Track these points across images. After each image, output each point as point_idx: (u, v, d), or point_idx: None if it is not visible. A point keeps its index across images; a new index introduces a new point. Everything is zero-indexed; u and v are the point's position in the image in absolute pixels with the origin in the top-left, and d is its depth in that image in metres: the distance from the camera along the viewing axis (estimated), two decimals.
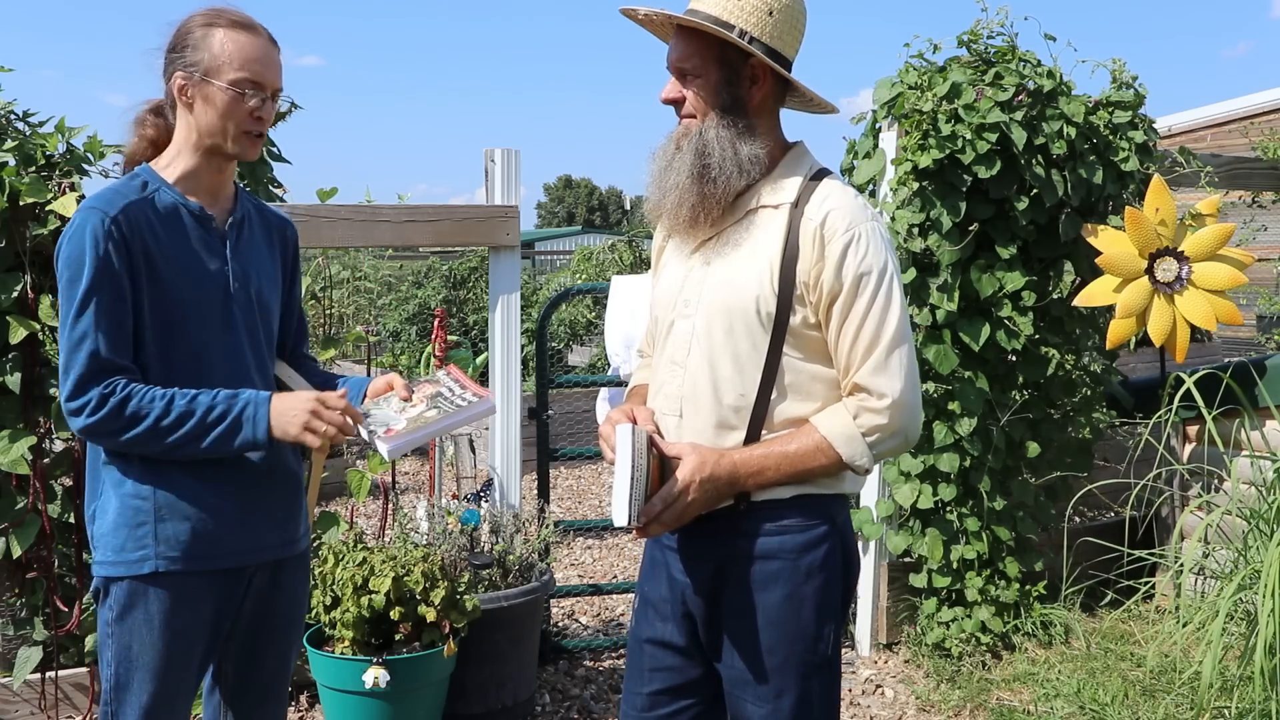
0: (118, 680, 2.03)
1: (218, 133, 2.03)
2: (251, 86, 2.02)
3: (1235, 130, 10.88)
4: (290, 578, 2.21)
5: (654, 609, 2.14)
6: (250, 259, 2.14)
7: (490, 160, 3.93)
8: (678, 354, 2.03)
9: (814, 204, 1.94)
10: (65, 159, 3.29)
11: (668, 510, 1.91)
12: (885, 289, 1.92)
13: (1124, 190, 4.18)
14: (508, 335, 3.94)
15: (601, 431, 2.07)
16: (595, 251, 11.62)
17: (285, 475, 2.17)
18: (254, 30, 2.06)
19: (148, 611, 2.01)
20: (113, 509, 2.02)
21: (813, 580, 1.99)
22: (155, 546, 2.00)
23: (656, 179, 2.03)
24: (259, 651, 2.20)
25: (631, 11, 2.03)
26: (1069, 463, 4.32)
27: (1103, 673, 3.60)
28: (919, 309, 4.01)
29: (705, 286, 2.00)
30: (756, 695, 2.02)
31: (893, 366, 1.91)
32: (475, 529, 3.74)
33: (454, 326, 10.53)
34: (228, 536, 2.06)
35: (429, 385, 2.18)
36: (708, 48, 1.95)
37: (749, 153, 1.95)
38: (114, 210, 1.96)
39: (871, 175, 4.11)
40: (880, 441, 1.93)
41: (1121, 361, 5.61)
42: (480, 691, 3.58)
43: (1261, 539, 3.15)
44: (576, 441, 7.35)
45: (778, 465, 1.92)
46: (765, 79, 1.98)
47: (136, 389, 1.95)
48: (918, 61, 4.10)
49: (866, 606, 4.26)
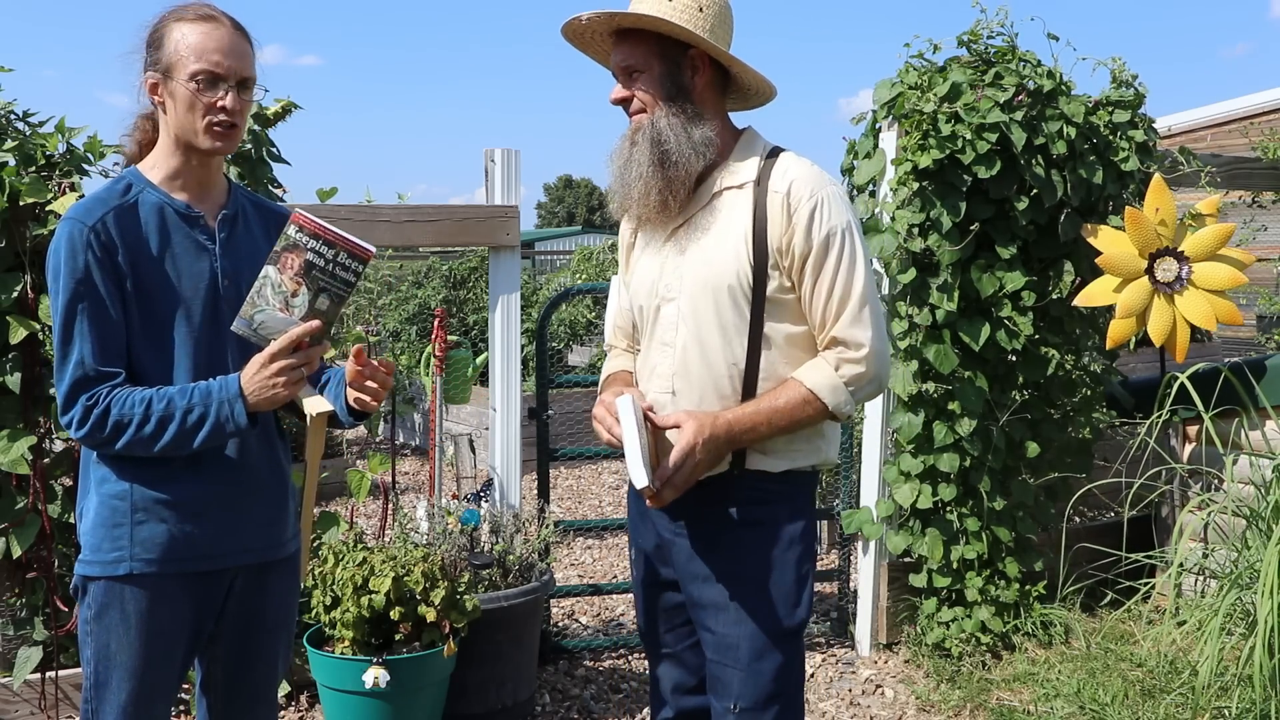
0: (97, 678, 2.03)
1: (188, 129, 2.00)
2: (209, 77, 1.98)
3: (1235, 130, 10.88)
4: (277, 581, 2.18)
5: (652, 556, 2.28)
6: (243, 256, 2.10)
7: (490, 160, 3.93)
8: (666, 335, 2.16)
9: (776, 177, 2.08)
10: (65, 159, 3.29)
11: (678, 473, 2.01)
12: (850, 247, 2.07)
13: (1124, 190, 4.18)
14: (508, 335, 3.94)
15: (596, 414, 2.17)
16: (595, 251, 11.62)
17: (271, 478, 2.14)
18: (214, 20, 2.01)
19: (124, 611, 2.00)
20: (93, 508, 2.02)
21: (794, 548, 2.15)
22: (131, 548, 1.99)
23: (619, 175, 2.15)
24: (248, 654, 2.18)
25: (575, 22, 2.14)
26: (1069, 463, 4.33)
27: (1103, 673, 3.60)
28: (919, 309, 4.01)
29: (684, 269, 2.13)
30: (736, 659, 2.13)
31: (865, 318, 2.06)
32: (475, 529, 3.74)
33: (454, 326, 10.52)
34: (207, 539, 2.04)
35: (293, 255, 1.96)
36: (648, 45, 2.10)
37: (701, 135, 2.09)
38: (92, 220, 1.95)
39: (871, 175, 4.11)
40: (860, 389, 2.08)
41: (1121, 361, 5.61)
42: (480, 691, 3.58)
43: (1260, 538, 3.15)
44: (576, 441, 7.35)
45: (769, 419, 2.05)
46: (705, 67, 2.12)
47: (117, 397, 1.94)
48: (918, 62, 4.10)
49: (866, 606, 4.26)
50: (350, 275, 1.99)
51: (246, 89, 2.04)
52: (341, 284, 1.99)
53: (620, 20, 2.09)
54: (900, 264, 3.99)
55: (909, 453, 4.10)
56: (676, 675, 2.32)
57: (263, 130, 3.77)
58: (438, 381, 4.09)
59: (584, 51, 2.24)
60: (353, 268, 1.98)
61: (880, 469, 4.22)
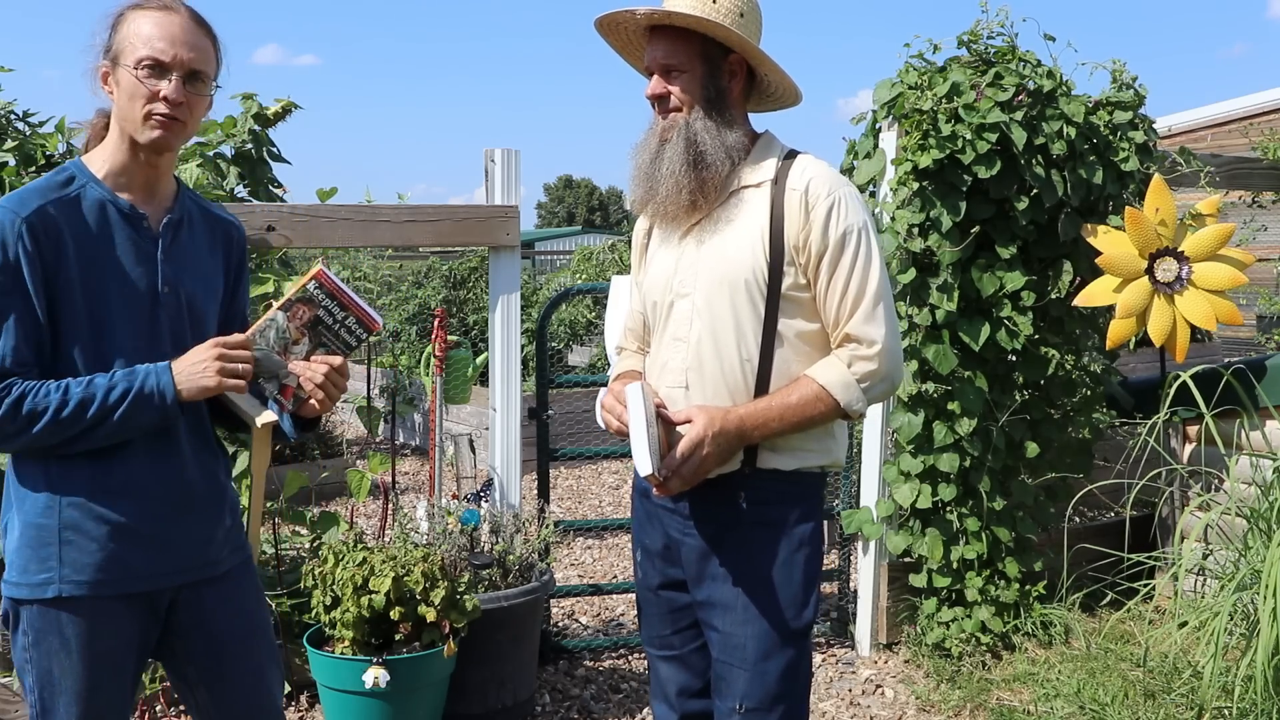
0: (43, 705, 1.93)
1: (129, 119, 1.90)
2: (154, 64, 1.88)
3: (1235, 130, 10.88)
4: (232, 592, 2.08)
5: (658, 557, 2.27)
6: (185, 263, 2.01)
7: (490, 160, 3.93)
8: (680, 330, 2.16)
9: (794, 176, 2.10)
10: (65, 159, 3.29)
11: (686, 464, 2.02)
12: (866, 246, 2.08)
13: (1124, 190, 4.18)
14: (508, 335, 3.94)
15: (604, 402, 2.18)
16: (595, 251, 11.61)
17: (207, 495, 2.05)
18: (170, 10, 1.92)
19: (63, 636, 1.90)
20: (18, 526, 1.91)
21: (803, 549, 2.15)
22: (60, 569, 1.88)
23: (644, 170, 2.16)
24: (226, 670, 2.08)
25: (627, 15, 2.14)
26: (1069, 463, 4.32)
27: (1103, 673, 3.59)
28: (919, 309, 4.01)
29: (700, 264, 2.14)
30: (743, 658, 2.13)
31: (879, 316, 2.08)
32: (475, 529, 3.74)
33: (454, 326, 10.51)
34: (139, 560, 1.94)
35: (305, 308, 2.01)
36: (691, 46, 2.11)
37: (733, 140, 2.13)
38: (25, 211, 1.85)
39: (872, 175, 4.11)
40: (872, 386, 2.09)
41: (1121, 361, 5.61)
42: (480, 691, 3.58)
43: (1261, 538, 3.15)
44: (576, 441, 7.35)
45: (781, 415, 2.06)
46: (741, 73, 2.15)
47: (30, 386, 1.84)
48: (918, 61, 4.10)
49: (866, 606, 4.26)
50: (353, 340, 2.04)
51: (196, 83, 1.93)
52: (343, 344, 2.04)
53: (675, 20, 2.09)
54: (900, 264, 3.99)
55: (909, 453, 4.10)
56: (682, 678, 2.31)
57: (263, 130, 3.78)
58: (438, 381, 4.09)
59: (607, 39, 2.23)
60: (357, 333, 2.05)
61: (880, 469, 4.22)
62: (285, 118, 3.90)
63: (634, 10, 2.11)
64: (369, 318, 2.04)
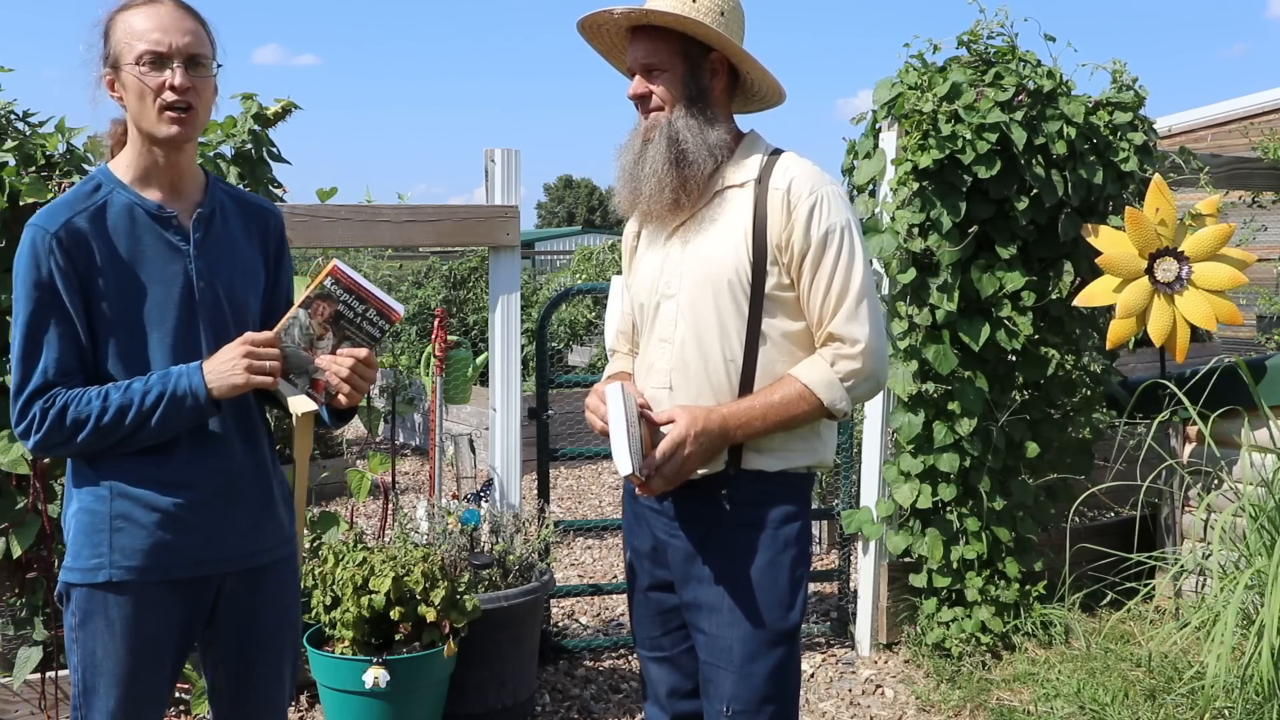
0: (85, 685, 1.99)
1: (144, 118, 1.92)
2: (153, 57, 1.89)
3: (1235, 130, 10.88)
4: (272, 584, 2.12)
5: (646, 558, 2.27)
6: (221, 255, 2.03)
7: (490, 160, 3.93)
8: (665, 331, 2.16)
9: (777, 175, 2.10)
10: (65, 159, 3.29)
11: (668, 464, 2.01)
12: (849, 244, 2.08)
13: (1124, 190, 4.18)
14: (508, 335, 3.94)
15: (589, 404, 2.19)
16: (595, 251, 11.61)
17: (256, 482, 2.08)
18: (154, 2, 1.94)
19: (109, 618, 1.96)
20: (73, 514, 1.98)
21: (789, 550, 2.14)
22: (110, 555, 1.94)
23: (629, 171, 2.16)
24: (250, 659, 2.12)
25: (605, 15, 2.14)
26: (1069, 463, 4.32)
27: (1103, 673, 3.59)
28: (919, 309, 4.01)
29: (685, 265, 2.14)
30: (729, 660, 2.12)
31: (862, 315, 2.07)
32: (475, 529, 3.74)
33: (454, 326, 10.51)
34: (187, 547, 1.99)
35: (325, 304, 2.03)
36: (671, 45, 2.11)
37: (716, 138, 2.13)
38: (55, 226, 1.89)
39: (871, 175, 4.11)
40: (856, 386, 2.08)
41: (1121, 361, 5.61)
42: (480, 691, 3.58)
43: (1264, 539, 3.14)
44: (576, 441, 7.35)
45: (764, 415, 2.05)
46: (723, 72, 2.15)
47: (74, 395, 1.89)
48: (917, 62, 4.10)
49: (866, 606, 4.26)
50: (376, 331, 2.06)
51: (198, 67, 1.94)
52: (366, 336, 2.05)
53: (653, 19, 2.09)
54: (900, 264, 3.99)
55: (909, 453, 4.10)
56: (672, 679, 2.31)
57: (263, 130, 3.77)
58: (438, 381, 4.09)
59: (591, 43, 2.24)
60: (379, 324, 2.06)
61: (880, 469, 4.22)
62: (285, 118, 3.89)
63: (612, 10, 2.12)
64: (388, 308, 2.05)
